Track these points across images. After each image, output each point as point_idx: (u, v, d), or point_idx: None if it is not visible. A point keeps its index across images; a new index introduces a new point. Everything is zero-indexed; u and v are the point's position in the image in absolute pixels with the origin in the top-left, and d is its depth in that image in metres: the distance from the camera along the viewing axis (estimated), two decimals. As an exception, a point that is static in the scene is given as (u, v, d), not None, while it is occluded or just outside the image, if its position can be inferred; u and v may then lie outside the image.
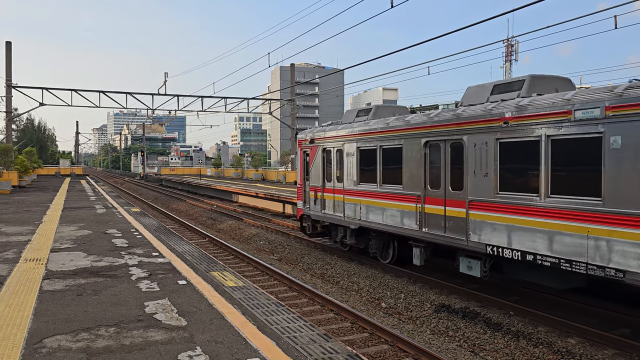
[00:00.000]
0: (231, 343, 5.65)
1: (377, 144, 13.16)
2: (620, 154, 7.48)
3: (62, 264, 9.84)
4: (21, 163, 39.25)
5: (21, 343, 5.57)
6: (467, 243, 10.26)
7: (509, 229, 9.31)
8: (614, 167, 7.58)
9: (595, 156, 7.85)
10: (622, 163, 7.46)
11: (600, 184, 7.76)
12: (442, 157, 10.99)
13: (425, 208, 11.46)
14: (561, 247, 8.35)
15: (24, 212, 19.90)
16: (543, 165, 8.68)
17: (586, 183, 8.05)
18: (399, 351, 8.46)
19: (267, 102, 47.23)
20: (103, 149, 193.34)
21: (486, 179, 9.80)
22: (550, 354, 8.22)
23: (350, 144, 14.32)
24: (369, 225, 13.53)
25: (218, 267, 10.44)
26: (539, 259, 8.71)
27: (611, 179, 7.62)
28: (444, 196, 10.91)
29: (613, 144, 7.59)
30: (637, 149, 7.28)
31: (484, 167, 9.83)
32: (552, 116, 8.48)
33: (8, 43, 36.49)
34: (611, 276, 7.61)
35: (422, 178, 11.56)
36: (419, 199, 11.66)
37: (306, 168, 16.91)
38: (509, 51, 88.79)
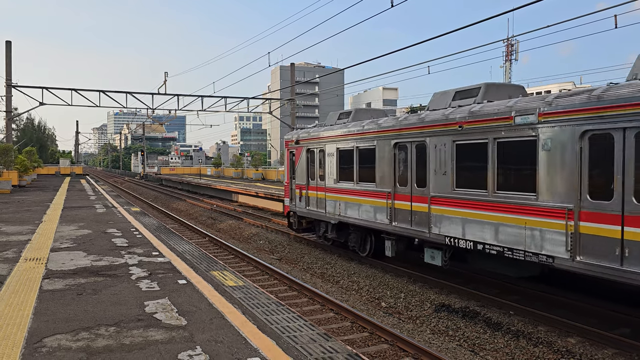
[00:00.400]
0: (231, 342, 5.65)
1: (354, 145, 14.17)
2: (551, 154, 8.62)
3: (62, 263, 9.84)
4: (21, 162, 39.25)
5: (21, 342, 5.57)
6: (429, 235, 11.33)
7: (463, 222, 10.42)
8: (546, 166, 8.70)
9: (531, 157, 8.95)
10: (552, 163, 8.59)
11: (535, 181, 8.85)
12: (409, 157, 12.09)
13: (395, 204, 12.50)
14: (505, 236, 9.42)
15: (24, 211, 19.91)
16: (490, 165, 9.78)
17: (524, 180, 9.14)
18: (399, 350, 8.46)
19: (267, 102, 47.21)
20: (103, 149, 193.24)
21: (445, 176, 10.91)
22: (550, 354, 8.23)
23: (331, 145, 15.36)
24: (347, 220, 14.52)
25: (218, 266, 10.45)
26: (487, 248, 9.81)
27: (543, 176, 8.73)
28: (411, 193, 12.00)
29: (545, 146, 8.71)
30: (564, 151, 8.37)
31: (443, 166, 10.95)
32: (497, 121, 9.58)
33: (8, 42, 36.46)
34: (543, 261, 8.72)
35: (392, 176, 12.60)
36: (389, 196, 12.67)
37: (292, 167, 17.87)
38: (509, 51, 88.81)
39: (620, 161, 7.58)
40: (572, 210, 8.23)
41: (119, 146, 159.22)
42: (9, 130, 39.50)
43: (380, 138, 13.03)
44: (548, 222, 8.60)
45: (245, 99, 42.48)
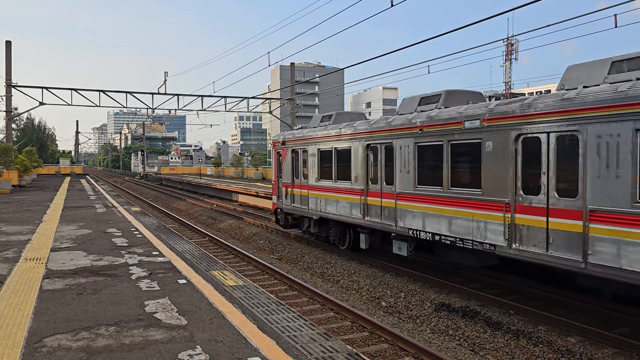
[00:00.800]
0: (231, 342, 5.65)
1: (333, 146, 15.33)
2: (492, 155, 9.77)
3: (62, 263, 9.84)
4: (21, 162, 39.25)
5: (21, 342, 5.57)
6: (396, 228, 12.49)
7: (423, 216, 11.59)
8: (488, 166, 9.88)
9: (477, 157, 10.12)
10: (493, 162, 9.76)
11: (480, 179, 10.05)
12: (379, 158, 13.26)
13: (368, 200, 13.71)
14: (457, 228, 10.60)
15: (24, 211, 19.91)
16: (445, 164, 10.95)
17: (472, 178, 10.30)
18: (399, 350, 8.46)
19: (267, 102, 47.20)
20: (103, 149, 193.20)
21: (408, 175, 12.09)
22: (550, 353, 8.23)
23: (313, 146, 16.48)
24: (327, 215, 15.71)
25: (218, 266, 10.45)
26: (443, 239, 10.98)
27: (486, 174, 9.91)
28: (380, 190, 13.16)
29: (487, 147, 9.87)
30: (501, 152, 9.56)
31: (407, 166, 12.11)
32: (450, 125, 10.74)
33: (8, 42, 36.44)
34: (487, 249, 9.91)
35: (365, 175, 13.76)
36: (362, 193, 13.87)
37: (279, 167, 19.02)
38: (509, 50, 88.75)
39: (545, 161, 8.81)
40: (508, 204, 9.44)
41: (119, 146, 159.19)
42: (9, 130, 39.48)
43: (355, 140, 14.19)
44: (490, 215, 9.84)
45: (245, 99, 42.47)
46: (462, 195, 10.45)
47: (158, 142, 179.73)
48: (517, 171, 9.29)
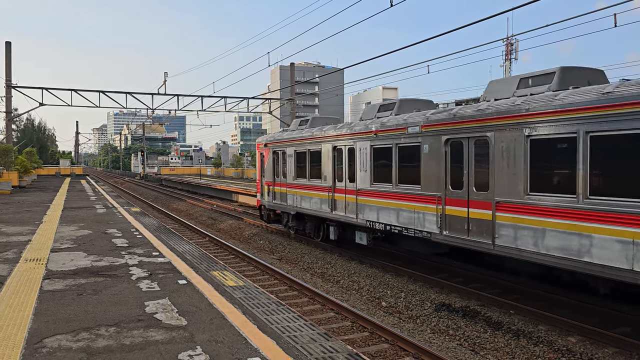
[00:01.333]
0: (231, 342, 5.65)
1: (307, 148, 16.93)
2: (428, 156, 11.44)
3: (62, 263, 9.84)
4: (21, 163, 39.24)
5: (21, 343, 5.57)
6: (357, 220, 14.13)
7: (378, 209, 13.24)
8: (425, 166, 11.54)
9: (417, 158, 11.74)
10: (429, 162, 11.43)
11: (419, 176, 11.71)
12: (344, 158, 14.82)
13: (335, 196, 15.34)
14: (403, 219, 12.30)
15: (24, 212, 19.91)
16: (394, 164, 12.59)
17: (414, 176, 11.93)
18: (399, 350, 8.46)
19: (267, 102, 47.20)
20: (103, 149, 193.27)
21: (366, 173, 13.69)
22: (551, 353, 8.23)
23: (290, 148, 18.03)
24: (303, 210, 17.30)
25: (218, 266, 10.45)
26: (392, 229, 12.68)
27: (424, 173, 11.57)
28: (345, 187, 14.75)
29: (424, 150, 11.54)
30: (435, 153, 11.20)
31: (365, 166, 13.71)
32: (397, 131, 12.40)
33: (8, 43, 36.43)
34: (425, 236, 11.58)
35: (333, 174, 15.35)
36: (330, 190, 15.46)
37: (262, 167, 20.56)
38: (509, 50, 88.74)
39: (466, 161, 10.42)
40: (440, 197, 11.13)
41: (119, 146, 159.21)
42: (9, 131, 39.49)
43: (324, 142, 15.85)
44: (427, 207, 11.53)
45: (245, 99, 42.46)
46: (407, 190, 12.19)
47: (158, 143, 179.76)
48: (446, 170, 10.95)
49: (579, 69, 9.69)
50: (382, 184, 13.03)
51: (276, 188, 19.24)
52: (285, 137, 18.50)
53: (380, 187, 13.11)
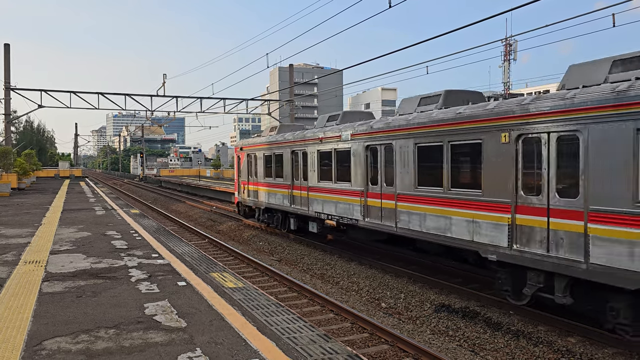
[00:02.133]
0: (231, 344, 5.65)
1: (272, 152, 19.65)
2: (356, 159, 14.15)
3: (61, 266, 9.83)
4: (20, 165, 39.19)
5: (21, 345, 5.56)
6: (309, 212, 16.82)
7: (322, 202, 15.96)
8: (354, 166, 14.21)
9: (348, 160, 14.47)
10: (356, 164, 14.13)
11: (350, 175, 14.38)
12: (299, 161, 17.54)
13: (293, 192, 18.01)
14: (339, 210, 14.94)
15: (23, 214, 19.89)
16: (333, 165, 15.38)
17: (346, 174, 14.59)
18: (399, 351, 8.45)
19: (265, 103, 47.19)
20: (102, 151, 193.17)
21: (314, 173, 16.44)
22: (551, 353, 8.23)
23: (260, 151, 20.87)
24: (270, 205, 19.94)
25: (218, 268, 10.44)
26: (332, 218, 15.49)
27: (353, 172, 14.23)
28: (300, 184, 17.41)
29: (354, 153, 14.24)
30: (360, 156, 13.91)
31: (314, 166, 16.45)
32: (335, 138, 15.18)
33: (6, 45, 36.42)
34: (354, 223, 14.20)
35: (291, 174, 18.06)
36: (290, 187, 18.22)
37: (239, 168, 23.32)
38: (508, 50, 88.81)
39: (380, 163, 13.18)
40: (364, 192, 13.82)
41: (118, 148, 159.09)
42: (8, 133, 39.46)
43: (285, 147, 18.58)
44: (355, 199, 14.20)
45: (244, 101, 42.46)
46: (342, 187, 14.86)
47: (157, 144, 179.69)
48: (367, 169, 13.75)
49: (460, 91, 12.23)
50: (325, 182, 15.80)
51: (250, 186, 21.98)
52: (256, 142, 21.49)
53: (324, 184, 15.86)
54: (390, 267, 13.79)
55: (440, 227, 10.90)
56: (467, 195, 10.22)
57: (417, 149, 11.69)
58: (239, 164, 23.34)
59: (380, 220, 13.04)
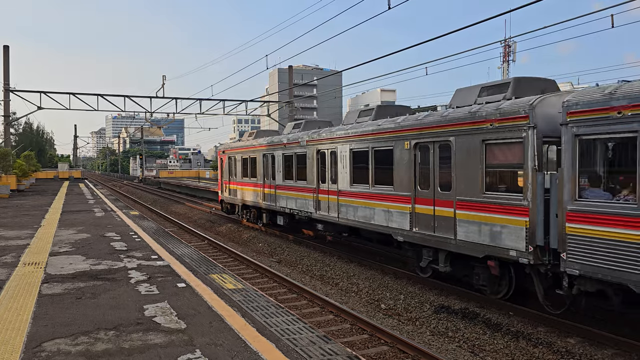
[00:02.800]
0: (231, 345, 5.65)
1: (248, 155, 22.47)
2: (310, 161, 16.87)
3: (61, 267, 9.83)
4: (20, 167, 39.15)
5: (20, 347, 5.56)
6: (277, 207, 19.54)
7: (286, 198, 18.72)
8: (309, 167, 16.89)
9: (305, 162, 17.20)
10: (311, 165, 16.81)
11: (306, 174, 17.09)
12: (269, 163, 20.30)
13: (265, 190, 20.61)
14: (299, 204, 17.72)
15: (23, 215, 19.87)
16: (294, 167, 18.04)
17: (303, 174, 17.30)
18: (398, 352, 8.45)
19: (265, 105, 47.18)
20: (101, 153, 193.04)
21: (280, 173, 19.18)
22: (550, 354, 8.23)
23: (238, 154, 23.72)
24: (247, 202, 22.77)
25: (217, 269, 10.43)
26: (293, 212, 18.22)
27: (309, 172, 16.91)
28: (270, 183, 20.15)
29: (308, 156, 16.98)
30: (313, 159, 16.63)
31: (280, 167, 19.20)
32: (295, 143, 17.96)
33: (6, 47, 36.37)
34: (308, 215, 17.00)
35: (263, 174, 20.81)
36: (262, 186, 20.92)
37: (222, 169, 26.14)
38: (507, 52, 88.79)
39: (328, 164, 15.83)
40: (316, 189, 16.44)
41: (117, 150, 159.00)
42: (8, 134, 39.43)
43: (258, 151, 21.33)
44: (309, 195, 16.89)
45: (244, 102, 42.46)
46: (301, 185, 17.45)
47: (156, 146, 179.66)
48: (318, 170, 16.36)
49: (390, 106, 15.48)
50: (288, 181, 18.47)
51: (230, 186, 24.80)
52: (236, 146, 24.39)
53: (288, 182, 18.57)
54: (390, 268, 13.78)
55: (367, 216, 13.69)
56: (384, 191, 12.98)
57: (352, 154, 14.49)
58: (222, 166, 26.12)
59: (327, 212, 15.79)
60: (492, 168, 9.92)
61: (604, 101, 7.70)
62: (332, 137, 15.39)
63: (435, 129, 11.14)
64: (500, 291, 10.33)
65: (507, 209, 9.33)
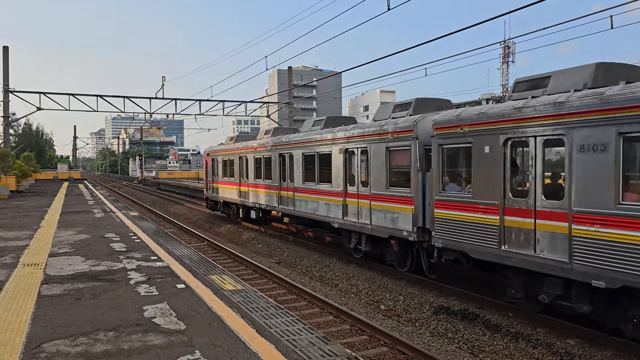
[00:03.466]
0: (230, 346, 5.65)
1: (228, 157, 25.44)
2: (274, 162, 19.57)
3: (60, 268, 9.82)
4: (19, 168, 39.14)
5: (19, 348, 5.55)
6: (250, 202, 22.44)
7: (256, 195, 21.64)
8: (273, 168, 19.61)
9: (270, 164, 19.96)
10: (275, 166, 19.41)
11: (271, 174, 19.76)
12: (244, 164, 23.10)
13: (241, 189, 23.43)
14: (264, 200, 20.70)
15: (22, 216, 19.86)
16: (262, 167, 20.86)
17: (268, 174, 20.13)
18: (398, 353, 8.45)
19: (264, 106, 47.20)
20: (101, 153, 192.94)
21: (253, 173, 22.00)
22: (550, 355, 8.23)
23: (219, 157, 26.88)
24: (227, 199, 25.78)
25: (217, 270, 10.44)
26: (261, 206, 21.13)
27: (274, 172, 19.52)
28: (245, 182, 22.92)
29: (272, 158, 19.75)
30: (276, 162, 19.28)
31: (253, 169, 21.97)
32: (263, 147, 20.77)
33: (5, 48, 36.37)
34: (274, 208, 19.73)
35: (239, 174, 23.55)
36: (238, 184, 23.77)
37: (207, 170, 29.29)
38: (506, 53, 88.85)
39: (287, 166, 18.64)
40: (277, 186, 19.24)
41: (116, 151, 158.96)
42: (7, 135, 39.42)
43: (235, 154, 24.37)
44: (273, 192, 19.61)
45: (243, 103, 42.48)
46: (266, 183, 20.34)
47: (156, 147, 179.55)
48: (281, 171, 19.04)
49: (337, 117, 17.91)
50: (260, 180, 21.17)
51: (213, 184, 27.77)
52: (218, 149, 27.49)
53: (256, 182, 21.50)
54: (389, 269, 13.78)
55: (314, 209, 16.58)
56: (325, 187, 15.88)
57: (303, 157, 17.34)
58: (206, 167, 29.24)
59: (287, 206, 18.72)
60: (393, 169, 12.90)
61: (454, 120, 10.52)
62: (289, 143, 18.39)
63: (358, 137, 14.19)
64: (406, 265, 13.09)
65: (401, 200, 12.35)
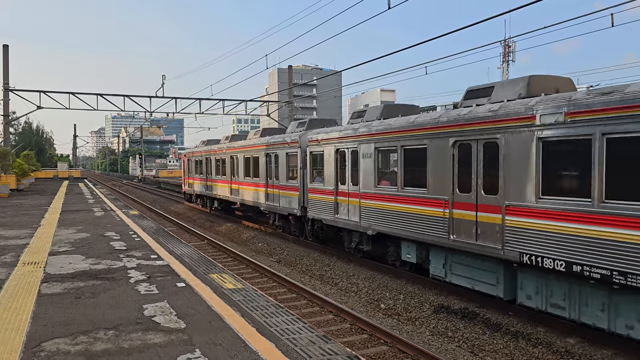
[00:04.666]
0: (230, 345, 5.64)
1: (199, 158, 30.66)
2: (226, 162, 25.57)
3: (60, 267, 9.82)
4: (19, 166, 39.12)
5: (19, 347, 5.55)
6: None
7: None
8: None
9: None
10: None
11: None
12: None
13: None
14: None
15: (22, 215, 19.86)
16: (220, 166, 26.54)
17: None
18: (398, 352, 8.45)
19: (264, 104, 47.16)
20: (101, 152, 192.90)
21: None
22: (550, 354, 8.23)
23: (192, 157, 32.21)
24: (197, 192, 31.24)
25: (217, 269, 10.43)
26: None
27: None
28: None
29: (226, 159, 25.49)
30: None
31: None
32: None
33: (5, 46, 36.33)
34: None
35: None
36: (207, 180, 28.27)
37: (185, 168, 34.69)
38: (506, 52, 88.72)
39: (235, 165, 24.25)
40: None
41: (117, 149, 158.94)
42: (7, 134, 39.39)
43: (203, 155, 29.44)
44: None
45: (243, 102, 42.44)
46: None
47: (156, 146, 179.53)
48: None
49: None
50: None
51: (189, 180, 33.24)
52: (193, 151, 32.98)
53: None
54: (389, 268, 13.78)
55: (251, 196, 21.98)
56: (257, 181, 21.39)
57: (244, 159, 22.84)
58: (183, 166, 35.55)
59: (236, 196, 23.99)
60: (289, 167, 18.49)
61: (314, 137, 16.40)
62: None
63: (272, 145, 19.95)
64: (303, 234, 18.38)
65: (293, 189, 18.05)
